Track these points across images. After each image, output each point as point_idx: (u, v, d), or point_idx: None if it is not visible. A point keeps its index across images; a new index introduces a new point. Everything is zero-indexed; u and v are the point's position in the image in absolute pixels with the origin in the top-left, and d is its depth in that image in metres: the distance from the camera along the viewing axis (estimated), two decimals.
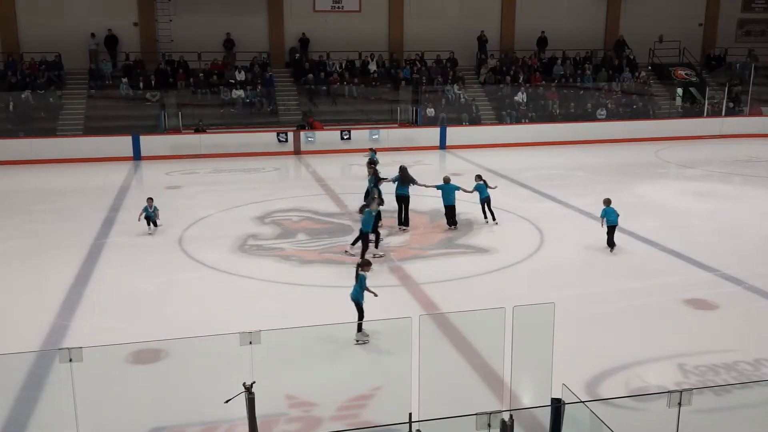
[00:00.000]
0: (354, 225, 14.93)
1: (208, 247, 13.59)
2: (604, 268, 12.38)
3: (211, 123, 25.98)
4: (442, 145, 26.25)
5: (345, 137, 25.51)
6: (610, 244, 13.36)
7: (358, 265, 9.26)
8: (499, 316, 6.94)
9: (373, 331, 8.67)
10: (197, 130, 25.03)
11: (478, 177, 15.19)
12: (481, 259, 12.87)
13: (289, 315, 10.06)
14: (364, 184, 15.76)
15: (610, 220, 14.24)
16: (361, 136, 25.62)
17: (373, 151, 18.62)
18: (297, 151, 24.88)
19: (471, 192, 14.94)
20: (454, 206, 14.53)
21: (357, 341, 8.70)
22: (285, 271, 12.27)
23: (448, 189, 14.53)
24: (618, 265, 12.50)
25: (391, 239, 14.10)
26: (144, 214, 14.44)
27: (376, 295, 9.05)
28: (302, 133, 25.33)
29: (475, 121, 27.92)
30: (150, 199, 14.56)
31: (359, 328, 8.84)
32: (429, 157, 24.25)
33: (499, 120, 28.52)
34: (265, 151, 24.54)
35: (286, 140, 24.97)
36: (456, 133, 26.57)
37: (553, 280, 11.75)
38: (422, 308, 10.32)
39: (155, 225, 14.45)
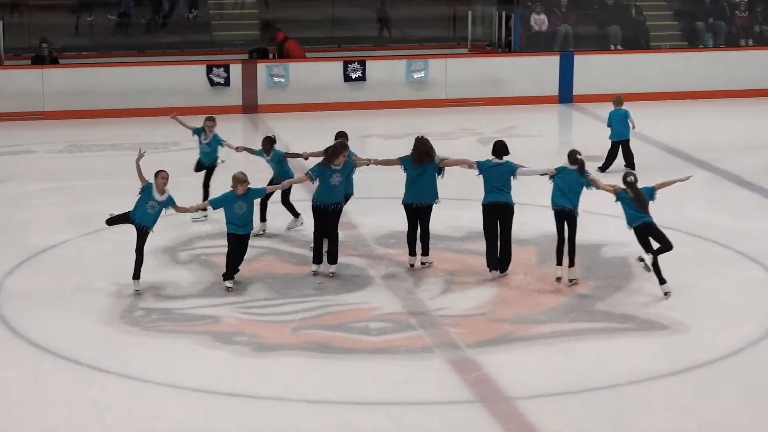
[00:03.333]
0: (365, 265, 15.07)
1: (58, 312, 13.70)
2: None
3: (67, 46, 26.34)
4: (565, 96, 26.52)
5: (354, 76, 25.78)
6: (630, 165, 18.97)
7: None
8: None
9: None
10: (37, 61, 25.34)
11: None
12: (648, 346, 12.91)
13: None
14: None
15: (617, 132, 19.23)
16: (387, 73, 25.93)
17: None
18: (250, 107, 25.04)
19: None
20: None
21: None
22: (223, 366, 12.35)
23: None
24: None
25: (450, 299, 14.17)
26: None
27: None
28: (261, 67, 25.60)
29: (636, 45, 28.07)
30: None
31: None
32: (535, 122, 24.48)
33: (691, 42, 28.66)
34: (184, 106, 24.63)
35: (227, 82, 25.24)
36: (595, 69, 26.84)
37: None
38: None
39: None
